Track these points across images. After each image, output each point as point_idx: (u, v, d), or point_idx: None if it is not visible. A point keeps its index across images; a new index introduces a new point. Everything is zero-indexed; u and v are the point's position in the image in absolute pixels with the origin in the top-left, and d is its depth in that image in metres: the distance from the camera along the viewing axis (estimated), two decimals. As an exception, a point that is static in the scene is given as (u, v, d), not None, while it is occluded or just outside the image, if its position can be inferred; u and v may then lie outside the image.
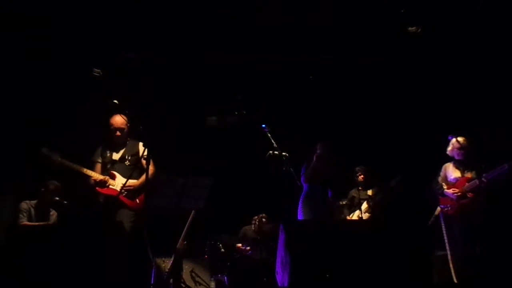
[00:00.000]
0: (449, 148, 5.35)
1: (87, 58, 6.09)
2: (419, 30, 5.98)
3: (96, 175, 4.68)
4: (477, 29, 5.83)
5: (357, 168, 6.49)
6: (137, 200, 4.79)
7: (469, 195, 5.14)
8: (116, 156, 4.86)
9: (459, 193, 5.16)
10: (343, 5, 5.74)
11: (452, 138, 5.33)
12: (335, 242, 4.40)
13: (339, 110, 7.11)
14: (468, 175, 5.22)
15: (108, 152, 4.85)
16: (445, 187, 5.31)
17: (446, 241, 5.16)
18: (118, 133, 4.82)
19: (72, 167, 4.66)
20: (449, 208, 5.21)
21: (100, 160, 4.85)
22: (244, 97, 6.91)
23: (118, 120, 4.80)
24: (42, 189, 5.94)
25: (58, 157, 4.62)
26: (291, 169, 5.44)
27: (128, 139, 4.97)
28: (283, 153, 5.26)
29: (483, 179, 5.01)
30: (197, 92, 6.81)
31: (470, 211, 5.13)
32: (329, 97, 6.99)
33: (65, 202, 5.94)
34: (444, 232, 5.20)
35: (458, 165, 5.31)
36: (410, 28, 6.00)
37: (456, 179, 5.26)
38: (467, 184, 5.17)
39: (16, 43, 5.74)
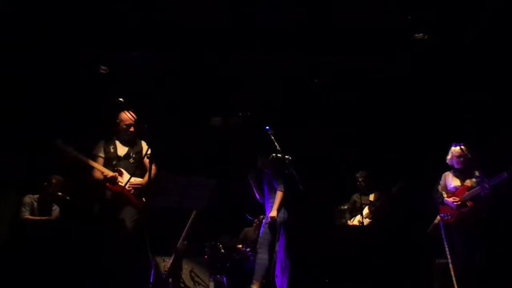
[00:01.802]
0: (449, 157, 5.35)
1: (94, 56, 6.11)
2: (425, 37, 5.98)
3: (107, 171, 4.66)
4: (482, 36, 5.83)
5: (358, 174, 6.50)
6: (143, 198, 4.77)
7: (469, 203, 5.12)
8: (121, 152, 4.78)
9: (459, 202, 5.15)
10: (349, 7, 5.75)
11: (455, 146, 5.32)
12: (335, 246, 4.42)
13: (343, 113, 7.13)
14: (468, 183, 5.20)
15: (112, 147, 4.77)
16: (445, 195, 5.29)
17: (447, 249, 5.15)
18: (132, 129, 4.79)
19: (85, 161, 4.60)
20: (449, 217, 5.20)
21: (103, 155, 4.75)
22: (248, 98, 6.93)
23: (132, 116, 4.74)
24: (45, 183, 5.98)
25: (72, 150, 4.60)
26: (294, 172, 5.45)
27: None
28: (286, 156, 5.27)
29: (486, 184, 4.99)
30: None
31: (469, 220, 5.11)
32: (331, 100, 7.01)
33: (68, 197, 5.98)
34: (444, 240, 5.20)
35: (458, 173, 5.30)
36: (416, 35, 6.00)
37: (456, 188, 5.24)
38: (467, 192, 5.16)
39: (21, 39, 5.76)
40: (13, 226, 5.93)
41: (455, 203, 5.16)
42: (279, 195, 5.60)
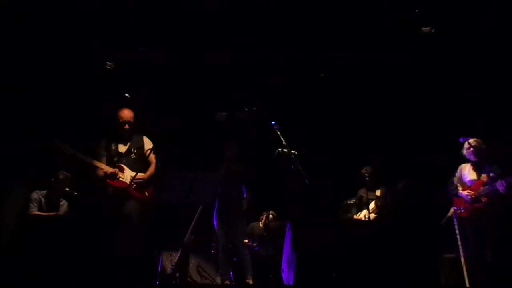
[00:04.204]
0: (463, 151, 5.31)
1: (100, 52, 6.12)
2: (432, 30, 5.94)
3: (106, 168, 4.70)
4: (490, 29, 5.78)
5: (364, 169, 6.48)
6: (146, 193, 4.80)
7: (483, 199, 5.06)
8: (122, 149, 4.84)
9: (473, 196, 5.09)
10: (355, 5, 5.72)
11: (463, 140, 5.27)
12: (342, 241, 4.41)
13: (348, 109, 7.10)
14: (484, 178, 5.13)
15: (113, 145, 4.83)
16: (460, 188, 5.24)
17: (459, 243, 5.10)
18: (126, 126, 4.82)
19: (83, 158, 4.66)
20: (463, 211, 5.14)
21: (105, 153, 4.82)
22: (254, 93, 6.91)
23: (127, 113, 4.81)
24: (52, 179, 6.01)
25: (69, 149, 4.64)
26: (300, 167, 5.45)
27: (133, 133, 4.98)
28: (292, 151, 5.26)
29: (503, 182, 4.91)
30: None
31: (483, 216, 5.04)
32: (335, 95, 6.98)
33: (75, 193, 6.01)
34: (457, 234, 5.14)
35: (476, 167, 5.23)
36: (423, 28, 5.95)
37: (472, 182, 5.17)
38: (482, 188, 5.09)
39: (26, 35, 5.77)
40: (21, 222, 5.97)
41: (469, 196, 5.10)
42: (246, 202, 5.96)
